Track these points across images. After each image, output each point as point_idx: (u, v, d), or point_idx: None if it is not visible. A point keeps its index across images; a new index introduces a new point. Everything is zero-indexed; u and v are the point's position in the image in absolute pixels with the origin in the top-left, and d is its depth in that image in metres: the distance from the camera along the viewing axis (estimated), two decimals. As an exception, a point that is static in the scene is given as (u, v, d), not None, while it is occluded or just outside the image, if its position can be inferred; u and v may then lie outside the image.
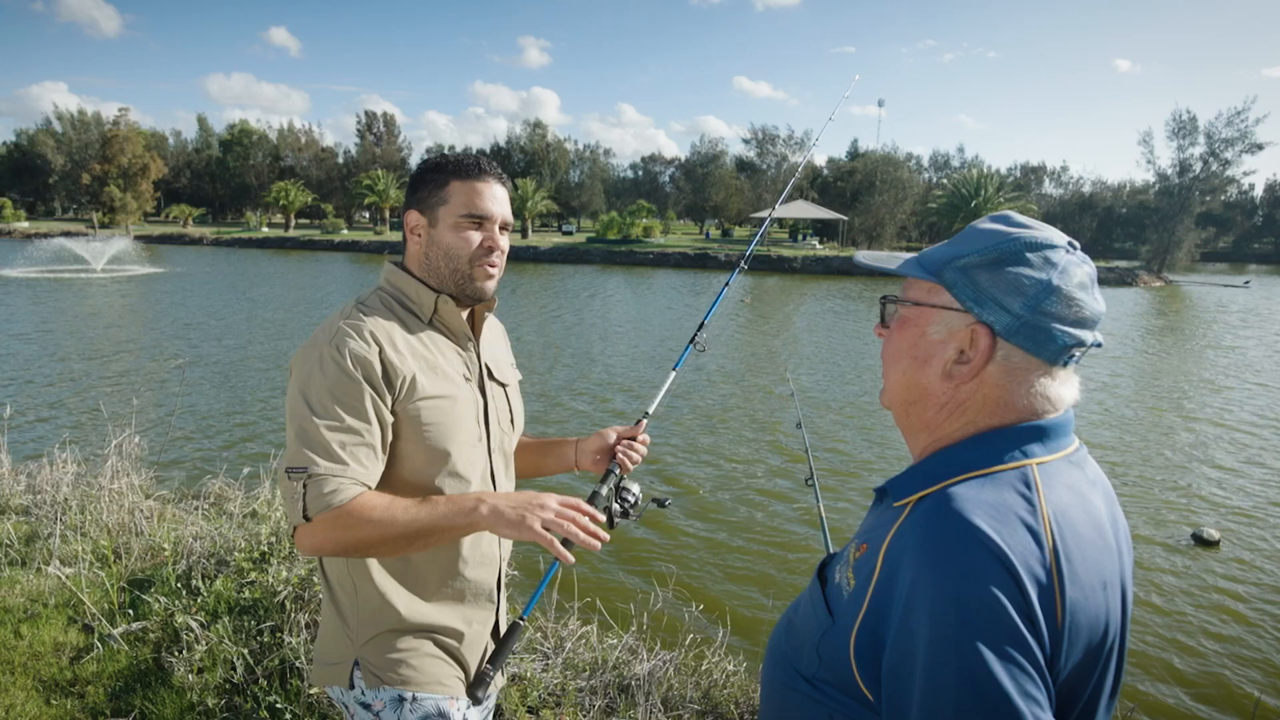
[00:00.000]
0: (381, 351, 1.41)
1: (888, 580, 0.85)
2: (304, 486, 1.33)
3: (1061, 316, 0.88)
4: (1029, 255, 0.90)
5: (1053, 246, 0.91)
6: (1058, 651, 0.80)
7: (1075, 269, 0.90)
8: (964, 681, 0.76)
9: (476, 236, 1.51)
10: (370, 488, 1.39)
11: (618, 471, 1.68)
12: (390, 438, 1.44)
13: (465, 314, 1.59)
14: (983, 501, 0.83)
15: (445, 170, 1.51)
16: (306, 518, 1.34)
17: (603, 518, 1.40)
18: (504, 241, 1.55)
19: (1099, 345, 0.92)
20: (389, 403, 1.42)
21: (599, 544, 1.34)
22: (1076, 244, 0.93)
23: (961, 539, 0.80)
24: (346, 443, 1.36)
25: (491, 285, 1.56)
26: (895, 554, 0.86)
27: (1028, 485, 0.86)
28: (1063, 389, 0.92)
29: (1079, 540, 0.85)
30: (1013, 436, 0.90)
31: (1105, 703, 0.91)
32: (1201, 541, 7.29)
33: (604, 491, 1.63)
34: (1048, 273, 0.89)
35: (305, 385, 1.39)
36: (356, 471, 1.36)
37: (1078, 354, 0.91)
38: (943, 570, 0.80)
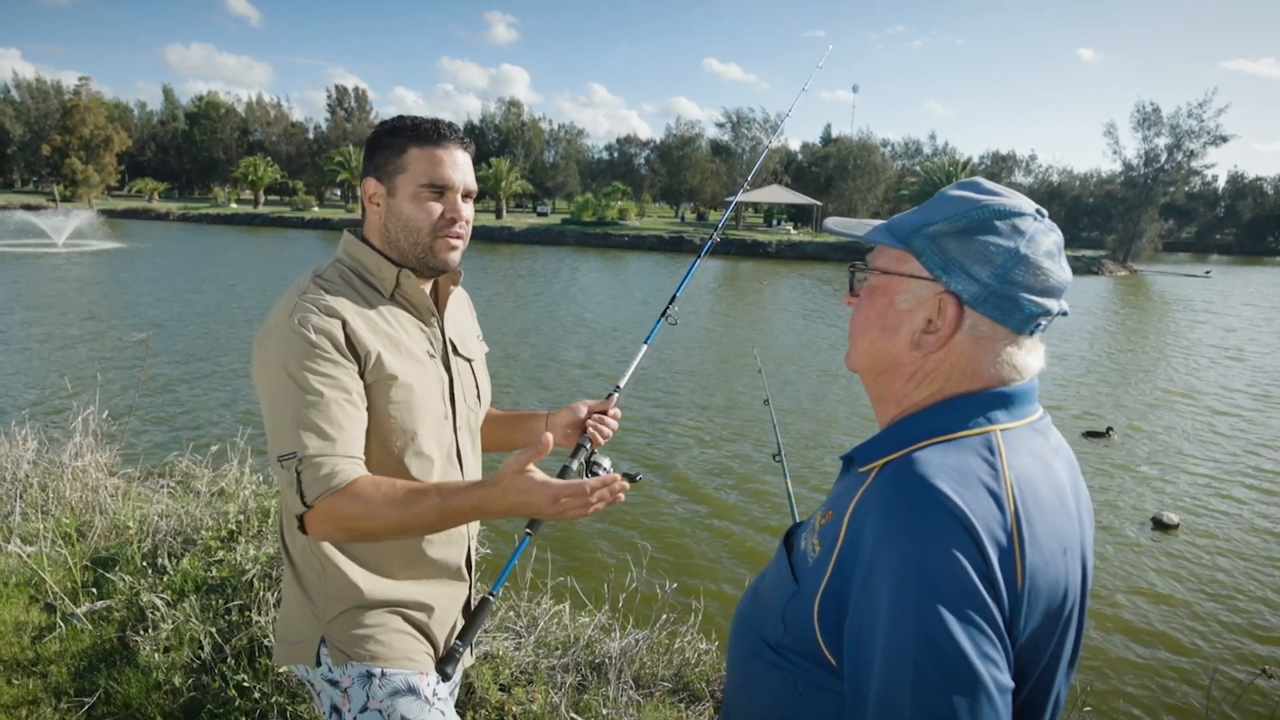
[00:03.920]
0: (345, 324, 1.36)
1: (852, 545, 0.85)
2: (297, 473, 1.26)
3: (1029, 285, 0.89)
4: (997, 223, 0.90)
5: (1021, 214, 0.91)
6: (1017, 614, 0.81)
7: (1043, 237, 0.90)
8: (923, 643, 0.77)
9: (437, 207, 1.43)
10: (363, 461, 1.34)
11: (588, 446, 1.67)
12: (366, 404, 1.38)
13: (429, 286, 1.53)
14: (946, 466, 0.84)
15: (403, 135, 1.42)
16: (306, 505, 1.26)
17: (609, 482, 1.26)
18: (468, 210, 1.47)
19: (1064, 314, 0.93)
20: (357, 374, 1.37)
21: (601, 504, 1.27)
22: (1044, 211, 0.93)
23: (924, 502, 0.81)
24: (331, 416, 1.30)
25: (456, 256, 1.48)
26: (859, 518, 0.86)
27: (991, 450, 0.86)
28: (1029, 357, 0.93)
29: (1040, 505, 0.86)
30: (978, 403, 0.91)
31: (1065, 667, 0.93)
32: (1161, 525, 7.48)
33: (574, 466, 1.64)
34: (1016, 241, 0.89)
35: (275, 366, 1.32)
36: (347, 445, 1.30)
37: (1044, 322, 0.92)
38: (905, 533, 0.80)
